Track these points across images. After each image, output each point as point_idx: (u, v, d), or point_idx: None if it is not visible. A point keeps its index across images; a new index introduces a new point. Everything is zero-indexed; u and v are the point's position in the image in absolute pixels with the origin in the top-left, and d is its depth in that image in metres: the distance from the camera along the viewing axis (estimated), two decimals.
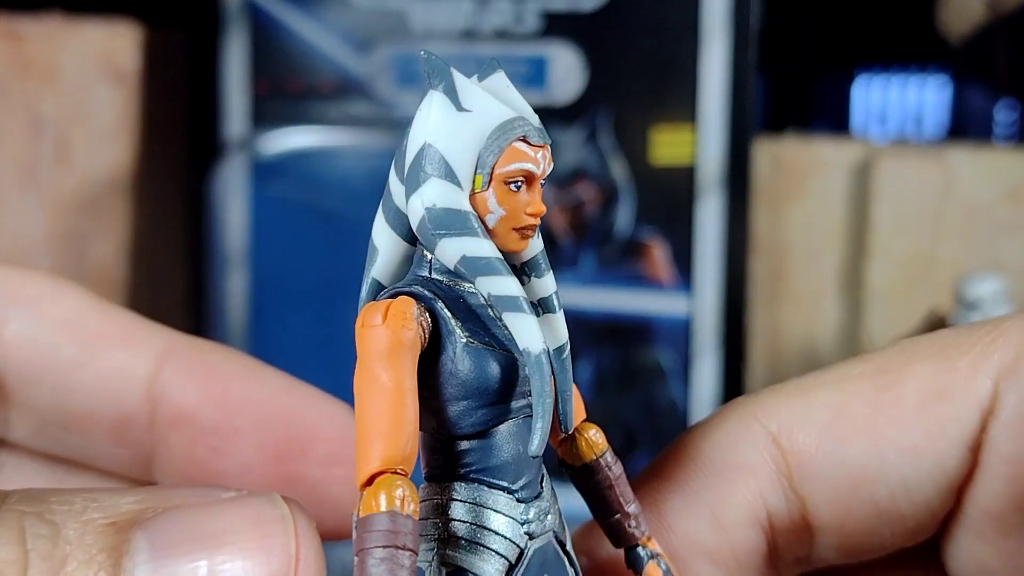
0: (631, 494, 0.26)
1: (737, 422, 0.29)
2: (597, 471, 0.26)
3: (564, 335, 0.25)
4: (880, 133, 1.13)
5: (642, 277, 0.81)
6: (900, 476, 0.27)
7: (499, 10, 0.80)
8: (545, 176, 0.24)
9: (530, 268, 0.25)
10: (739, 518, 0.28)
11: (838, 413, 0.28)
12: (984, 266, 0.86)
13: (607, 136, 0.81)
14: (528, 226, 0.24)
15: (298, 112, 0.81)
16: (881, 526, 0.28)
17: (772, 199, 0.91)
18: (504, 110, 0.24)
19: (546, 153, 0.24)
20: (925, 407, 0.27)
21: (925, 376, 0.27)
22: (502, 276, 0.24)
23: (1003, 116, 1.08)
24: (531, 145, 0.24)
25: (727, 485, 0.28)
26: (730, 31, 0.79)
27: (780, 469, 0.28)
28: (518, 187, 0.24)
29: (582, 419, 0.26)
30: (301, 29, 0.81)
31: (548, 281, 0.25)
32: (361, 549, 0.22)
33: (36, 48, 0.82)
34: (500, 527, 0.24)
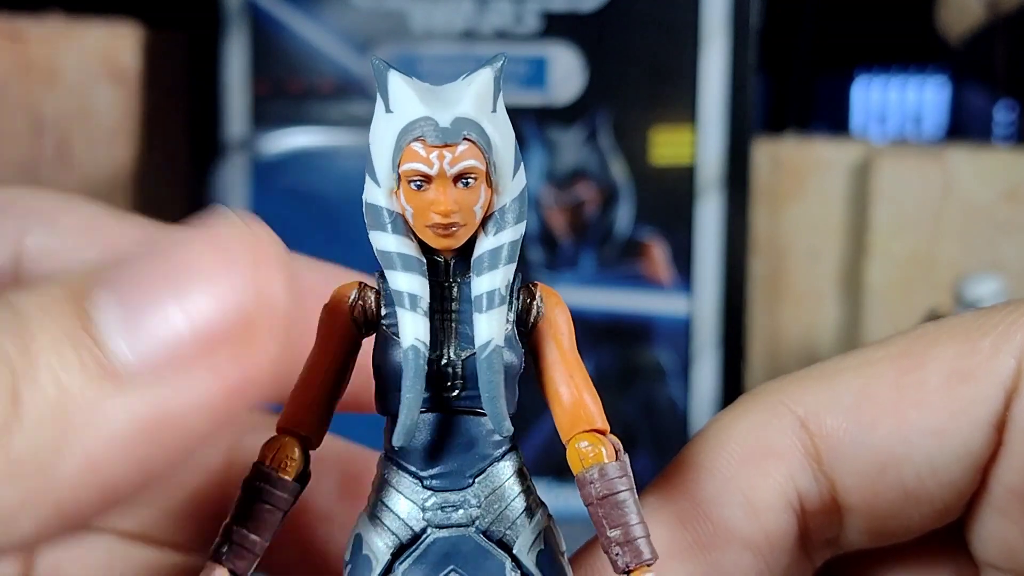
0: (622, 517, 0.25)
1: (765, 408, 0.29)
2: (581, 486, 0.25)
3: (484, 335, 0.25)
4: (880, 133, 1.13)
5: (642, 277, 0.81)
6: (926, 457, 0.27)
7: (499, 10, 0.80)
8: (454, 176, 0.24)
9: (474, 266, 0.25)
10: (772, 503, 0.28)
11: (863, 396, 0.28)
12: (983, 266, 0.86)
13: (607, 136, 0.81)
14: (439, 224, 0.25)
15: (299, 112, 0.81)
16: (909, 507, 0.28)
17: (772, 199, 0.91)
18: (417, 111, 0.25)
19: (445, 152, 0.24)
20: (949, 388, 0.27)
21: (948, 358, 0.27)
22: (396, 271, 0.25)
23: (1002, 116, 1.08)
24: (427, 146, 0.25)
25: (759, 470, 0.28)
26: (730, 31, 0.79)
27: (809, 453, 0.28)
28: (419, 186, 0.25)
29: (582, 428, 0.26)
30: (301, 29, 0.81)
31: (483, 281, 0.25)
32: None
33: (37, 49, 0.82)
34: (396, 507, 0.26)
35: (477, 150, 0.25)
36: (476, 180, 0.25)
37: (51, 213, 0.32)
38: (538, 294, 0.26)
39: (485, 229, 0.25)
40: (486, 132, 0.25)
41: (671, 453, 0.30)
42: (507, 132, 0.26)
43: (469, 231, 0.25)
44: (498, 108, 0.26)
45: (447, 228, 0.25)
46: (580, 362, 0.26)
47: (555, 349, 0.26)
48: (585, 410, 0.26)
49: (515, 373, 0.26)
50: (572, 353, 0.27)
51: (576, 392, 0.26)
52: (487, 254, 0.25)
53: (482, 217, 0.25)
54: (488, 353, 0.25)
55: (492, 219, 0.25)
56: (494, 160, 0.25)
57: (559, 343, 0.26)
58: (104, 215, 0.33)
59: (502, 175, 0.25)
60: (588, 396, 0.26)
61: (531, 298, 0.26)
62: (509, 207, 0.25)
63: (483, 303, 0.25)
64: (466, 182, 0.25)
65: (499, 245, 0.25)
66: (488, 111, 0.25)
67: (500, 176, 0.25)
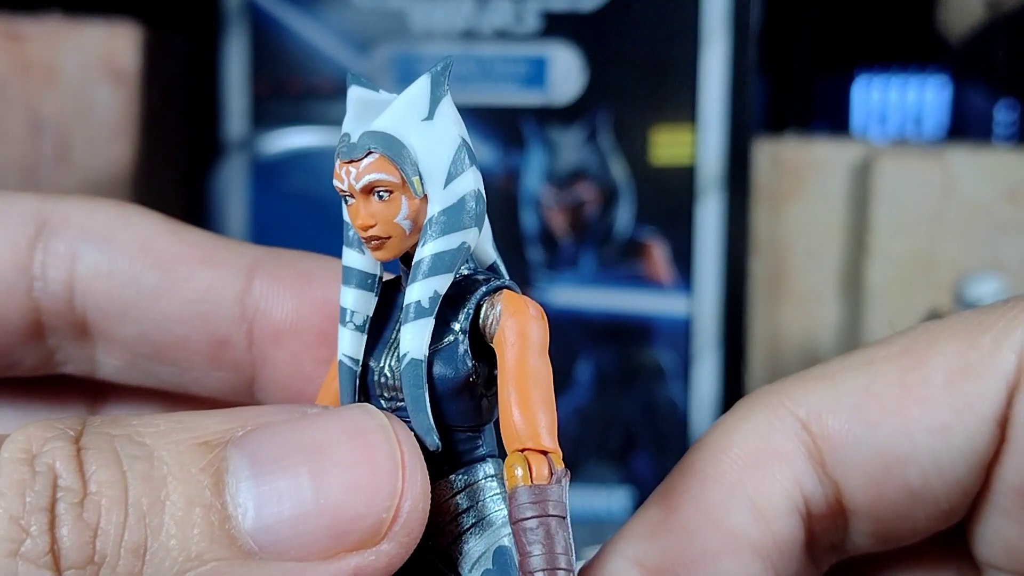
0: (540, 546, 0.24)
1: (766, 411, 0.28)
2: (507, 507, 0.24)
3: (404, 347, 0.25)
4: (880, 133, 1.13)
5: (642, 277, 0.81)
6: (931, 456, 0.27)
7: (499, 10, 0.80)
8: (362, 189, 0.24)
9: (410, 277, 0.25)
10: (779, 507, 0.28)
11: (866, 396, 0.27)
12: (984, 266, 0.86)
13: (607, 136, 0.81)
14: (365, 238, 0.25)
15: (298, 112, 0.81)
16: (915, 508, 0.28)
17: (772, 199, 0.91)
18: (345, 126, 0.25)
19: (351, 168, 0.24)
20: (951, 385, 0.27)
21: (950, 354, 0.27)
22: (344, 286, 0.26)
23: (1003, 116, 1.08)
24: (341, 162, 0.25)
25: (764, 475, 0.28)
26: (730, 31, 0.79)
27: (813, 455, 0.28)
28: (347, 202, 0.25)
29: (516, 446, 0.24)
30: (301, 29, 0.81)
31: (412, 291, 0.25)
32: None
33: (36, 48, 0.82)
34: None
35: (386, 162, 0.24)
36: (392, 192, 0.24)
37: (105, 232, 0.31)
38: (498, 305, 0.25)
39: (420, 238, 0.25)
40: (400, 142, 0.24)
41: (671, 453, 0.30)
42: (444, 138, 0.25)
43: (400, 242, 0.25)
44: (436, 114, 0.25)
45: (371, 241, 0.25)
46: (538, 375, 0.25)
47: (506, 361, 0.25)
48: (526, 427, 0.24)
49: (456, 386, 0.25)
50: (526, 365, 0.25)
51: (520, 408, 0.24)
52: (417, 264, 0.25)
53: (413, 227, 0.25)
54: (404, 366, 0.25)
55: (425, 228, 0.25)
56: (418, 170, 0.25)
57: (510, 355, 0.25)
58: (160, 231, 0.32)
59: (430, 184, 0.25)
60: (537, 412, 0.24)
61: (490, 308, 0.25)
62: (437, 217, 0.25)
63: (409, 314, 0.25)
64: (380, 195, 0.24)
65: (423, 257, 0.25)
66: (418, 119, 0.25)
67: (428, 185, 0.25)
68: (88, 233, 0.31)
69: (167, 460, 0.22)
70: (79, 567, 0.21)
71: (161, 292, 0.31)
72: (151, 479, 0.22)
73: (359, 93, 0.26)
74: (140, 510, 0.22)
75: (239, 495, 0.22)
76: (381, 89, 0.26)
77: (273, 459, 0.23)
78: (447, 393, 0.25)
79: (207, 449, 0.23)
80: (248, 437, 0.23)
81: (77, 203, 0.32)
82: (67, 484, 0.22)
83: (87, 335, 0.32)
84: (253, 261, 0.32)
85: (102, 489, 0.22)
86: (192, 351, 0.32)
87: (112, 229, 0.31)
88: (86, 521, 0.21)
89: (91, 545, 0.21)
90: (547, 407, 0.24)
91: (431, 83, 0.25)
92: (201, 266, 0.31)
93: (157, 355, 0.32)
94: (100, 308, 0.31)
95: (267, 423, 0.24)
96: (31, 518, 0.21)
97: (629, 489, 0.80)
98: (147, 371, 0.32)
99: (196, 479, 0.22)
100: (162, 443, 0.23)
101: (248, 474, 0.22)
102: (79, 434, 0.23)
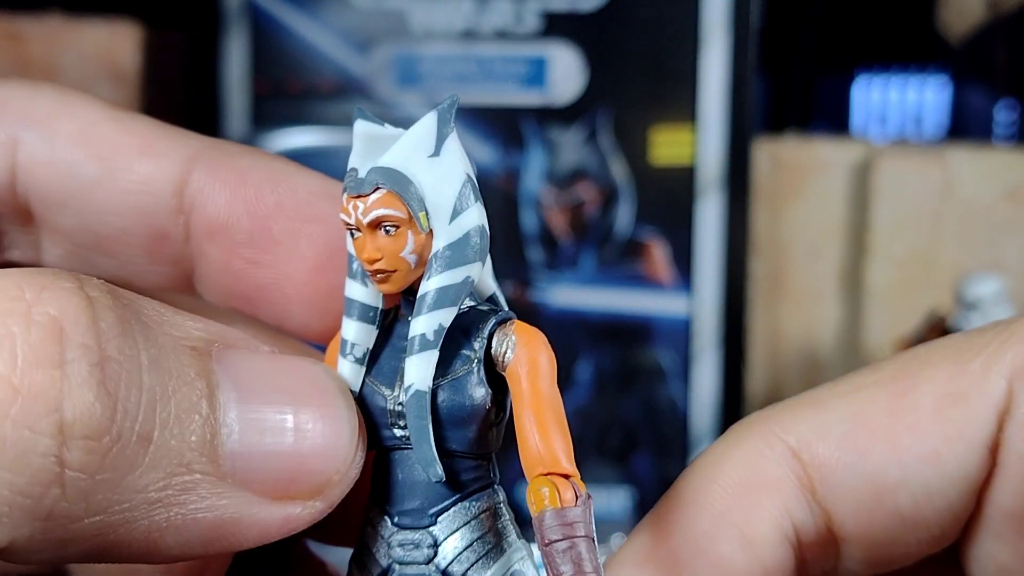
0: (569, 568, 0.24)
1: (756, 438, 0.28)
2: (535, 531, 0.25)
3: (410, 378, 0.25)
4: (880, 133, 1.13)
5: (642, 277, 0.81)
6: (922, 482, 0.27)
7: (499, 10, 0.80)
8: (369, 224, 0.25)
9: (415, 310, 0.25)
10: (768, 536, 0.27)
11: (856, 423, 0.27)
12: (984, 266, 0.86)
13: (607, 136, 0.81)
14: (371, 271, 0.25)
15: (298, 112, 0.81)
16: (906, 534, 0.27)
17: (772, 199, 0.91)
18: (352, 161, 0.26)
19: (358, 203, 0.25)
20: (941, 411, 0.27)
21: (939, 380, 0.27)
22: (346, 318, 0.26)
23: (1003, 116, 1.08)
24: (348, 196, 0.25)
25: (753, 503, 0.28)
26: (730, 31, 0.79)
27: (803, 483, 0.28)
28: (353, 236, 0.26)
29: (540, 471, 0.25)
30: (301, 29, 0.81)
31: (417, 324, 0.25)
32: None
33: (36, 48, 0.82)
34: (370, 543, 0.26)
35: (393, 198, 0.25)
36: (399, 227, 0.25)
37: (45, 119, 0.30)
38: (510, 334, 0.26)
39: (425, 272, 0.25)
40: (407, 178, 0.25)
41: (671, 453, 0.30)
42: (450, 174, 0.25)
43: (406, 275, 0.25)
44: (443, 150, 0.26)
45: (376, 274, 0.25)
46: (553, 402, 0.25)
47: (522, 390, 0.25)
48: (546, 452, 0.25)
49: (465, 415, 0.25)
50: (542, 393, 0.25)
51: (539, 434, 0.25)
52: (422, 298, 0.25)
53: (418, 261, 0.25)
54: (408, 397, 0.25)
55: (431, 263, 0.25)
56: (424, 205, 0.25)
57: (527, 383, 0.25)
58: (102, 119, 0.30)
59: (436, 219, 0.25)
60: (555, 438, 0.25)
61: (503, 338, 0.26)
62: (442, 252, 0.25)
63: (414, 346, 0.25)
64: (387, 230, 0.25)
65: (428, 291, 0.25)
66: (425, 155, 0.25)
67: (434, 220, 0.25)
68: (29, 120, 0.30)
69: (169, 353, 0.21)
70: (93, 438, 0.19)
71: (100, 183, 0.30)
72: (160, 368, 0.21)
73: (365, 127, 0.26)
74: (153, 396, 0.20)
75: (227, 415, 0.22)
76: (387, 124, 0.27)
77: (257, 390, 0.23)
78: (459, 421, 0.25)
79: (196, 355, 0.22)
80: (227, 356, 0.23)
81: (18, 88, 0.31)
82: (81, 340, 0.20)
83: (31, 222, 0.31)
84: (193, 153, 0.31)
85: (122, 358, 0.20)
86: (131, 244, 0.31)
87: (53, 116, 0.30)
88: (108, 389, 0.20)
89: (111, 417, 0.20)
90: (564, 432, 0.25)
91: (438, 120, 0.25)
92: (140, 157, 0.30)
93: (97, 246, 0.31)
94: (40, 196, 0.30)
95: (237, 345, 0.23)
96: (26, 376, 0.19)
97: (629, 489, 0.80)
98: (88, 262, 0.31)
99: (194, 384, 0.21)
100: (161, 332, 0.22)
101: (235, 397, 0.22)
102: (80, 285, 0.21)
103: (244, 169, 0.30)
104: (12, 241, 0.31)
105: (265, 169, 0.31)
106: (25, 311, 0.19)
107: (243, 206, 0.30)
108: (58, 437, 0.19)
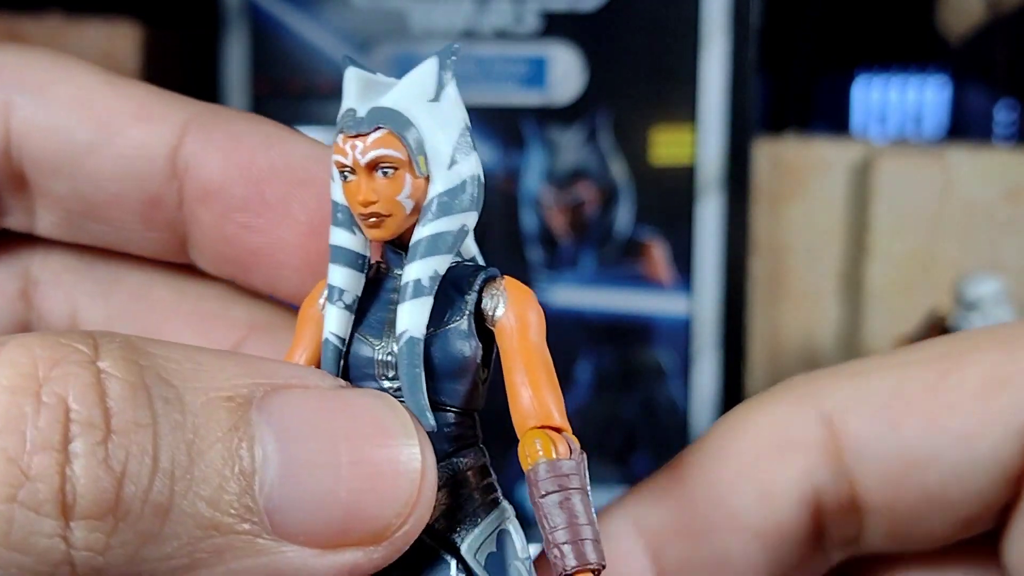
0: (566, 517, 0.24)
1: (791, 400, 0.28)
2: (528, 483, 0.24)
3: (401, 325, 0.24)
4: (880, 133, 1.13)
5: (642, 277, 0.81)
6: (953, 462, 0.26)
7: (499, 10, 0.80)
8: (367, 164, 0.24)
9: (408, 256, 0.25)
10: (788, 495, 0.28)
11: (894, 396, 0.27)
12: (984, 266, 0.86)
13: (607, 136, 0.81)
14: (365, 214, 0.24)
15: (298, 112, 0.81)
16: (932, 512, 0.27)
17: (772, 199, 0.91)
18: (348, 103, 0.25)
19: (357, 142, 0.24)
20: (984, 394, 0.26)
21: (986, 364, 0.27)
22: (333, 264, 0.25)
23: (1002, 116, 1.08)
24: (345, 136, 0.25)
25: (777, 462, 0.28)
26: (730, 31, 0.79)
27: (830, 449, 0.27)
28: (345, 178, 0.25)
29: (533, 424, 0.24)
30: (301, 29, 0.81)
31: (410, 270, 0.24)
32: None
33: None
34: None
35: (393, 138, 0.24)
36: (397, 169, 0.24)
37: (40, 83, 0.30)
38: (501, 288, 0.25)
39: (419, 219, 0.25)
40: (408, 120, 0.24)
41: (671, 453, 0.30)
42: (449, 120, 0.25)
43: (400, 221, 0.25)
44: (443, 97, 0.25)
45: (369, 218, 0.24)
46: (544, 358, 0.25)
47: (514, 344, 0.25)
48: (539, 406, 0.24)
49: (456, 367, 0.25)
50: (534, 348, 0.25)
51: (531, 388, 0.25)
52: (416, 244, 0.25)
53: (414, 206, 0.25)
54: (402, 344, 0.24)
55: (426, 209, 0.25)
56: (423, 149, 0.24)
57: (520, 337, 0.25)
58: (97, 83, 0.30)
59: (435, 164, 0.25)
60: (547, 392, 0.25)
61: (494, 292, 0.25)
62: (439, 198, 0.25)
63: (407, 293, 0.24)
64: (385, 171, 0.24)
65: (429, 235, 0.24)
66: (425, 99, 0.25)
67: (432, 165, 0.25)
68: (23, 85, 0.30)
69: (196, 411, 0.21)
70: (96, 517, 0.19)
71: (95, 148, 0.30)
72: (182, 430, 0.20)
73: (358, 73, 0.26)
74: (171, 464, 0.20)
75: (265, 468, 0.21)
76: (379, 73, 0.26)
77: (304, 435, 0.22)
78: (449, 373, 0.25)
79: (233, 407, 0.21)
80: (271, 401, 0.22)
81: (12, 53, 0.30)
82: (86, 418, 0.20)
83: (25, 188, 0.31)
84: (189, 117, 0.30)
85: (130, 431, 0.20)
86: (125, 209, 0.30)
87: (48, 81, 0.30)
88: (111, 466, 0.19)
89: (115, 494, 0.19)
90: (555, 388, 0.25)
91: (439, 66, 0.25)
92: (135, 121, 0.30)
93: (91, 213, 0.31)
94: (34, 162, 0.30)
95: (287, 386, 0.22)
96: (33, 458, 0.19)
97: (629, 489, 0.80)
98: (82, 228, 0.31)
99: (226, 441, 0.21)
100: (189, 389, 0.21)
101: (275, 448, 0.21)
102: (95, 354, 0.21)
103: (238, 134, 0.30)
104: (6, 207, 0.31)
105: (259, 133, 0.30)
106: (36, 391, 0.20)
107: (236, 170, 0.30)
108: (61, 519, 0.19)
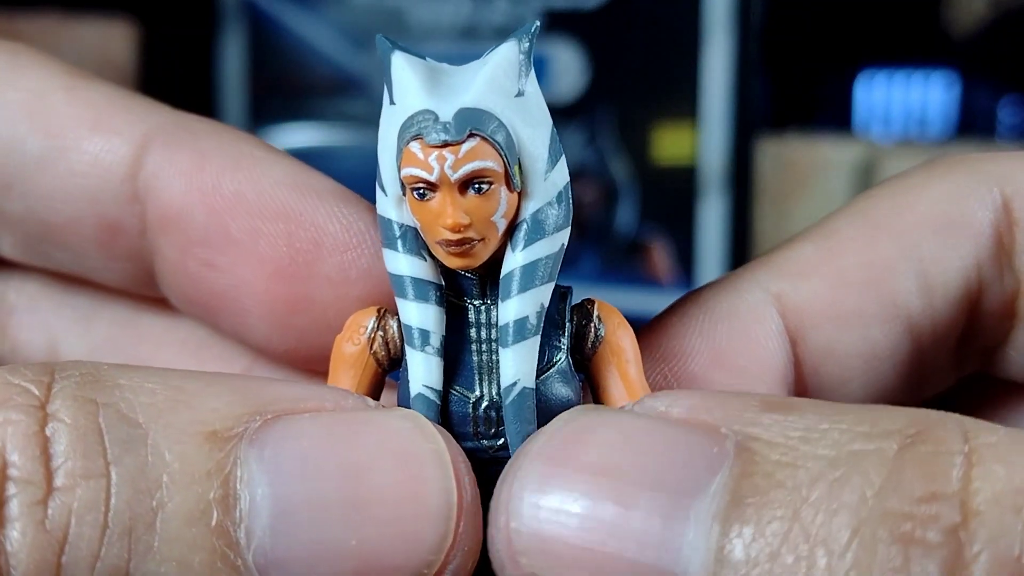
0: None
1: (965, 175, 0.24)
2: None
3: (510, 374, 0.20)
4: (884, 131, 1.13)
5: (644, 277, 0.81)
6: None
7: (499, 9, 0.79)
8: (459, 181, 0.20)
9: (501, 289, 0.21)
10: (951, 285, 0.24)
11: None
12: None
13: (609, 135, 0.80)
14: (448, 240, 0.20)
15: (296, 110, 0.81)
16: None
17: (775, 198, 0.90)
18: (417, 102, 0.20)
19: (446, 154, 0.20)
20: None
21: None
22: (406, 299, 0.21)
23: (1008, 114, 1.07)
24: (425, 146, 0.20)
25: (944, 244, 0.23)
26: (732, 29, 0.78)
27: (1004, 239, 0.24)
28: (421, 195, 0.20)
29: None
30: (299, 27, 0.80)
31: (510, 307, 0.20)
32: None
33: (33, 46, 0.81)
34: None
35: (489, 147, 0.20)
36: (492, 184, 0.20)
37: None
38: (595, 314, 0.22)
39: (512, 242, 0.21)
40: (503, 123, 0.20)
41: None
42: (539, 119, 0.21)
43: (491, 246, 0.20)
44: (527, 90, 0.21)
45: (459, 245, 0.20)
46: (645, 388, 0.22)
47: (619, 379, 0.22)
48: None
49: (558, 412, 0.21)
50: (639, 382, 0.22)
51: None
52: (515, 273, 0.20)
53: (506, 227, 0.20)
54: (513, 398, 0.20)
55: (520, 229, 0.20)
56: (516, 157, 0.20)
57: (624, 372, 0.22)
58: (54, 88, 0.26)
59: (531, 174, 0.21)
60: None
61: (587, 320, 0.22)
62: (542, 213, 0.20)
63: (509, 335, 0.20)
64: (478, 188, 0.20)
65: (529, 262, 0.20)
66: (510, 95, 0.21)
67: (528, 176, 0.20)
68: None
69: (164, 454, 0.17)
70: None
71: (46, 162, 0.26)
72: (143, 478, 0.17)
73: (413, 61, 0.21)
74: (125, 522, 0.17)
75: (251, 517, 0.17)
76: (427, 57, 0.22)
77: (301, 474, 0.18)
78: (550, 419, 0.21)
79: (215, 444, 0.17)
80: (269, 433, 0.18)
81: None
82: (24, 475, 0.17)
83: None
84: (151, 129, 0.26)
85: (75, 485, 0.17)
86: (82, 235, 0.27)
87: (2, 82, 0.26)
88: (48, 529, 0.17)
89: (54, 562, 0.17)
90: None
91: (519, 52, 0.21)
92: (90, 133, 0.26)
93: (48, 236, 0.27)
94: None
95: (294, 411, 0.19)
96: None
97: None
98: (43, 254, 0.27)
99: (200, 487, 0.17)
100: (160, 427, 0.17)
101: (267, 492, 0.17)
102: (46, 395, 0.18)
103: (204, 152, 0.26)
104: None
105: (228, 152, 0.26)
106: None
107: (198, 196, 0.26)
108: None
